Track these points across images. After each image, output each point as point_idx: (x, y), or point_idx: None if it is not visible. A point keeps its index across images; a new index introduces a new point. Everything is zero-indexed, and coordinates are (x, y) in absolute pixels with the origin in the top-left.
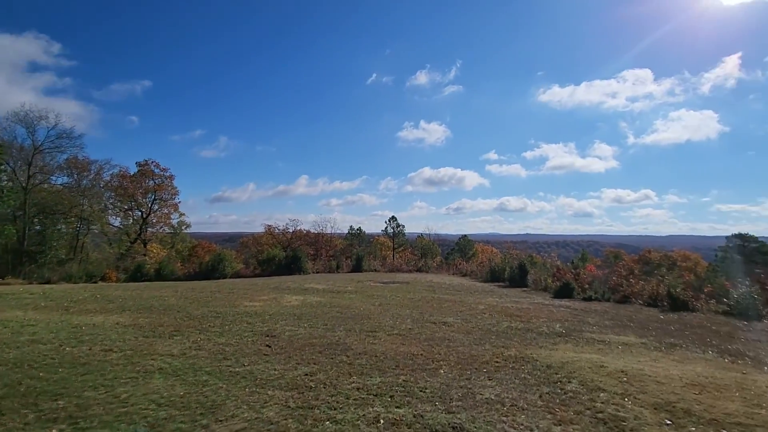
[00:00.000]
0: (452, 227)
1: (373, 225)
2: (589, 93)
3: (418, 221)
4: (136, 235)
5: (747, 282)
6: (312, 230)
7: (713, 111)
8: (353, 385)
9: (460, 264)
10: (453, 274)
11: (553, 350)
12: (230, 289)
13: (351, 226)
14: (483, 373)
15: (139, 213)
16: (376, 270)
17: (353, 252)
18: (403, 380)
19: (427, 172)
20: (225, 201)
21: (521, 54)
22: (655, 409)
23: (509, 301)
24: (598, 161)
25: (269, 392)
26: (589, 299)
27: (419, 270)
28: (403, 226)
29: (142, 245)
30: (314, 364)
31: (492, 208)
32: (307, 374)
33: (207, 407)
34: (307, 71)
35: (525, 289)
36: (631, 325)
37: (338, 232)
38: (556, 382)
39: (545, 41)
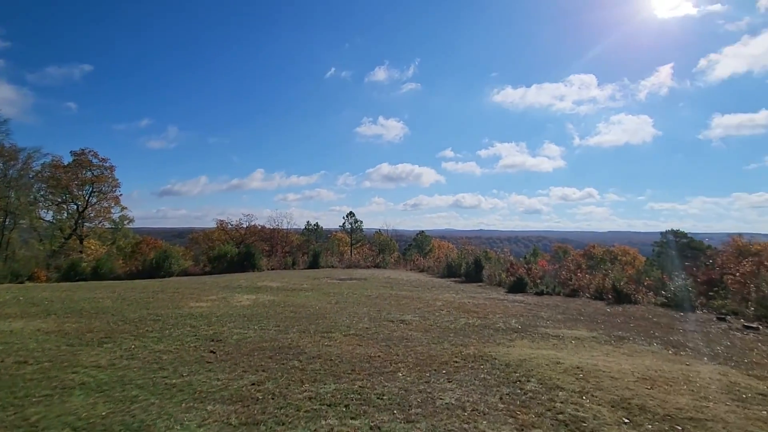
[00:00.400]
0: (410, 223)
1: (331, 220)
2: (539, 95)
3: (376, 217)
4: (71, 230)
5: (682, 275)
6: (267, 226)
7: (648, 116)
8: (305, 394)
9: (417, 260)
10: (411, 270)
11: (511, 347)
12: (175, 289)
13: (308, 222)
14: (442, 375)
15: (75, 206)
16: (333, 266)
17: (310, 248)
18: (360, 386)
19: (385, 168)
20: (174, 195)
21: (477, 55)
22: (612, 407)
23: (466, 296)
24: (547, 161)
25: (209, 407)
26: (541, 293)
27: (377, 266)
28: (361, 222)
29: (78, 241)
30: (263, 371)
31: (448, 205)
32: (254, 383)
33: (133, 429)
34: (265, 62)
35: (480, 284)
36: (581, 318)
37: (295, 227)
38: (516, 382)
39: (500, 43)
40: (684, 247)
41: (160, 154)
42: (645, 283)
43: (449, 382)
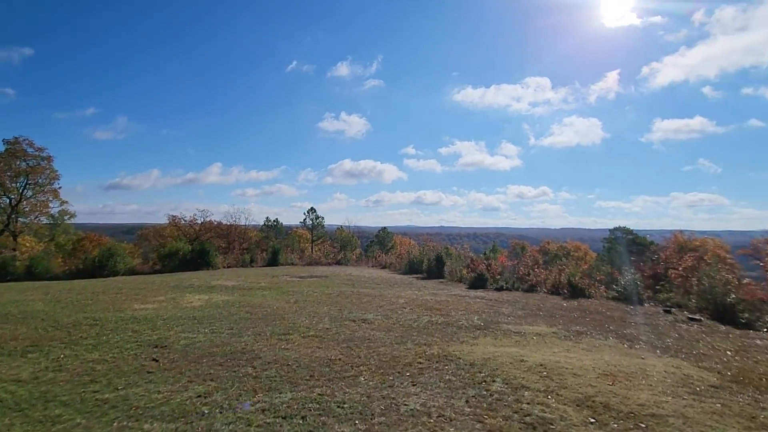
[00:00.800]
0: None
1: (292, 216)
2: (497, 96)
3: (338, 213)
4: (3, 226)
5: (632, 270)
6: (224, 221)
7: (598, 119)
8: (258, 405)
9: (379, 256)
10: (372, 267)
11: (475, 345)
12: (119, 289)
13: (267, 218)
14: (406, 378)
15: (7, 200)
16: (293, 263)
17: (269, 245)
18: (319, 394)
19: (347, 164)
20: (123, 189)
21: (439, 54)
22: (577, 406)
23: (428, 293)
24: (505, 160)
25: (146, 425)
26: (501, 289)
27: (338, 263)
28: (323, 218)
29: (11, 238)
30: (211, 380)
31: (409, 201)
32: (200, 395)
33: None
34: (223, 52)
35: (442, 280)
36: (540, 314)
37: (253, 223)
38: (481, 383)
39: (461, 44)
40: (630, 243)
41: (107, 146)
42: (597, 278)
43: (414, 385)
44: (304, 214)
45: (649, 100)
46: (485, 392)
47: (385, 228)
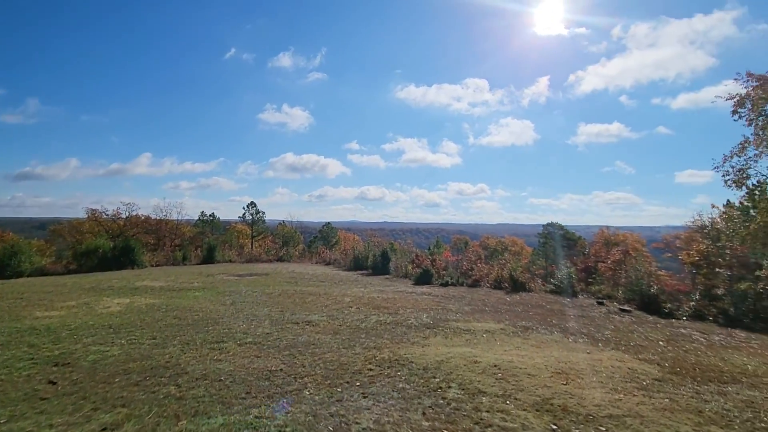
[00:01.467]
0: (315, 214)
1: (231, 211)
2: (439, 95)
3: (280, 208)
4: None
5: (567, 264)
6: (153, 216)
7: (531, 121)
8: None
9: (323, 252)
10: (316, 263)
11: (426, 346)
12: (20, 294)
13: (203, 212)
14: (356, 389)
15: None
16: (231, 261)
17: (205, 241)
18: (256, 416)
19: (290, 157)
20: (35, 179)
21: (383, 51)
22: (537, 411)
23: (375, 290)
24: (446, 157)
25: None
26: (446, 284)
27: (280, 259)
28: (263, 213)
29: None
30: (123, 406)
31: (353, 197)
32: (106, 428)
33: None
34: (154, 33)
35: (388, 276)
36: (486, 309)
37: (187, 218)
38: (437, 390)
39: (405, 42)
40: (561, 238)
41: (15, 131)
42: (536, 273)
43: (365, 397)
44: (244, 208)
45: (575, 106)
46: (442, 401)
47: (328, 223)
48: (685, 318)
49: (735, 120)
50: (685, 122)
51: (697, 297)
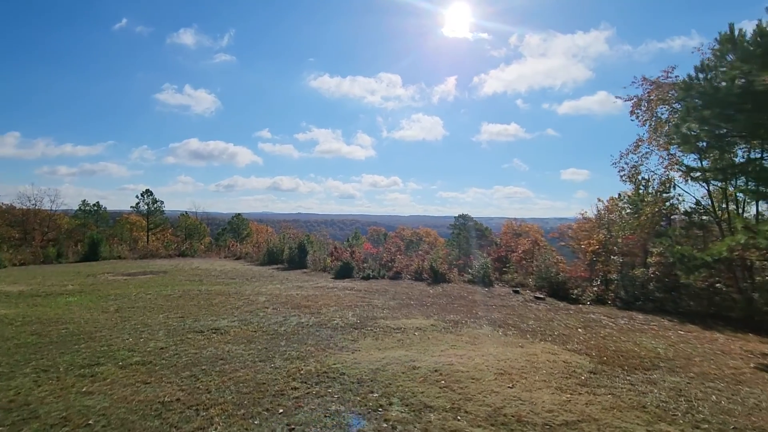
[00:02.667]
0: (223, 205)
1: (123, 200)
2: (353, 87)
3: (182, 198)
4: None
5: (484, 255)
6: (18, 205)
7: (440, 118)
8: None
9: (233, 246)
10: (225, 258)
11: (356, 351)
12: None
13: (84, 201)
14: (279, 418)
15: None
16: (121, 257)
17: (87, 234)
18: None
19: (194, 143)
20: None
21: (296, 38)
22: (491, 425)
23: (293, 286)
24: (360, 149)
25: None
26: (368, 278)
27: (183, 255)
28: (162, 203)
29: None
30: None
31: (265, 187)
32: None
33: None
34: None
35: (305, 270)
36: (412, 303)
37: (64, 208)
38: (377, 409)
39: (319, 30)
40: (471, 228)
41: None
42: (456, 263)
43: (291, 430)
44: (138, 197)
45: (479, 106)
46: (385, 424)
47: (239, 214)
48: (589, 303)
49: (632, 120)
50: (568, 126)
51: (598, 283)
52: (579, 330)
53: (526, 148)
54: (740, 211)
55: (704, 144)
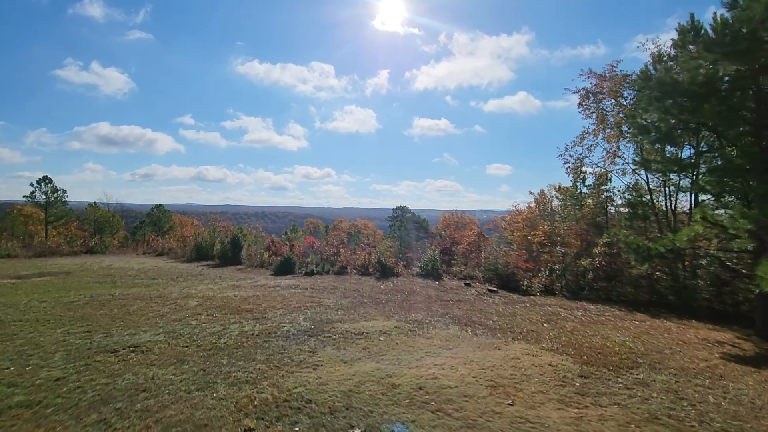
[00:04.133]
0: (141, 196)
1: (15, 190)
2: (284, 74)
3: (91, 187)
4: None
5: (431, 247)
6: None
7: (373, 111)
8: None
9: (153, 240)
10: (145, 254)
11: (319, 366)
12: None
13: None
14: None
15: None
16: (11, 255)
17: None
18: None
19: (104, 128)
20: None
21: (221, 18)
22: None
23: (228, 286)
24: (292, 139)
25: None
26: (311, 273)
27: (91, 251)
28: (64, 192)
29: None
30: None
31: (189, 177)
32: None
33: None
34: None
35: (240, 267)
36: (366, 300)
37: None
38: None
39: (247, 13)
40: (408, 221)
41: None
42: (406, 256)
43: None
44: (33, 185)
45: (411, 100)
46: None
47: (160, 205)
48: (538, 294)
49: (579, 111)
50: (493, 123)
51: (547, 274)
52: (545, 325)
53: (455, 143)
54: (673, 203)
55: (657, 135)
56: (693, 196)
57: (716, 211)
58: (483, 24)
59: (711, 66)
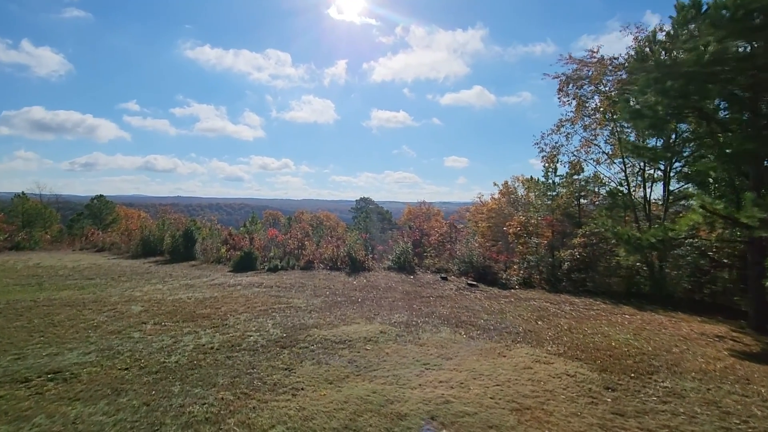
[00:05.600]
0: (81, 187)
1: None
2: (237, 61)
3: (22, 177)
4: None
5: (404, 239)
6: None
7: (331, 101)
8: None
9: (93, 234)
10: (82, 250)
11: (298, 392)
12: None
13: None
14: None
15: None
16: None
17: None
18: None
19: (38, 112)
20: None
21: None
22: None
23: (181, 286)
24: (248, 129)
25: None
26: (275, 269)
27: (18, 247)
28: None
29: None
30: None
31: (136, 167)
32: None
33: None
34: None
35: (194, 263)
36: (340, 299)
37: None
38: None
39: None
40: (372, 212)
41: None
42: (377, 248)
43: None
44: None
45: (369, 92)
46: None
47: (101, 196)
48: (517, 287)
49: (559, 98)
50: (450, 117)
51: (525, 266)
52: (539, 323)
53: (413, 135)
54: (647, 194)
55: (651, 120)
56: (665, 186)
57: (714, 201)
58: (439, 18)
59: (718, 44)
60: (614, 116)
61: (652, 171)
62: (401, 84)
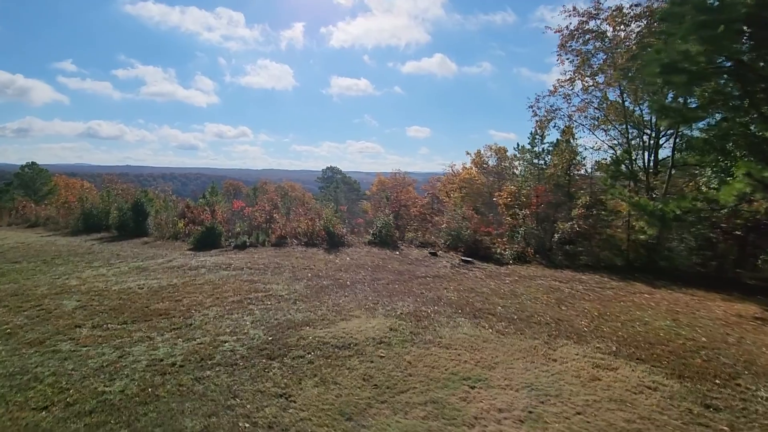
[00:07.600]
0: (14, 155)
1: None
2: (185, 19)
3: None
4: None
5: (387, 212)
6: None
7: (289, 67)
8: None
9: (25, 207)
10: (10, 226)
11: (293, 409)
12: None
13: None
14: None
15: None
16: None
17: None
18: None
19: None
20: None
21: None
22: None
23: (130, 269)
24: (201, 94)
25: None
26: (243, 246)
27: None
28: None
29: None
30: None
31: (77, 133)
32: None
33: None
34: None
35: (146, 240)
36: (326, 284)
37: None
38: None
39: None
40: (339, 182)
41: None
42: (355, 222)
43: None
44: None
45: (329, 58)
46: None
47: (33, 163)
48: (512, 262)
49: (558, 55)
50: (412, 85)
51: (518, 239)
52: (562, 309)
53: (375, 104)
54: (650, 161)
55: (690, 75)
56: (655, 155)
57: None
58: None
59: None
60: (629, 74)
61: (647, 139)
62: (361, 50)
